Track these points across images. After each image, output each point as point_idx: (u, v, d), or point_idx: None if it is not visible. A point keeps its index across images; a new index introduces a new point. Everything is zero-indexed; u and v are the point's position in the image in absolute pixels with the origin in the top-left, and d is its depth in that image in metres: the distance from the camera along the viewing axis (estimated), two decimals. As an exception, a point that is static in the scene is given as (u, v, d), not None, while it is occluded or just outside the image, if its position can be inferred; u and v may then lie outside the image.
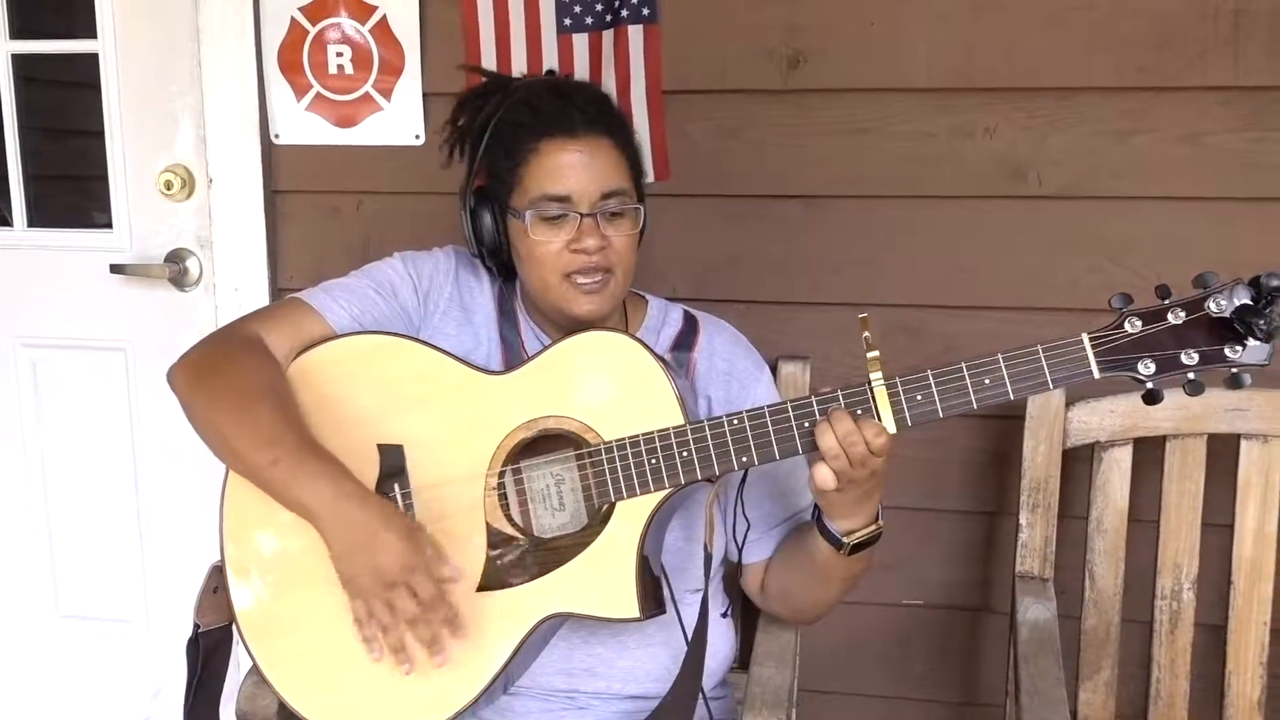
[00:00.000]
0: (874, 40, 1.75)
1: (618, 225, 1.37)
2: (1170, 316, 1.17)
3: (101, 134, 2.06)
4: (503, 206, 1.40)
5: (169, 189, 2.03)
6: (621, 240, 1.37)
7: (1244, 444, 1.65)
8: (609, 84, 1.79)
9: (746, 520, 1.39)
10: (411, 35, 1.88)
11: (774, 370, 1.58)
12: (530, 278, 1.41)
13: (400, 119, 1.91)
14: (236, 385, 1.31)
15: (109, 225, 2.11)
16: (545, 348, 1.35)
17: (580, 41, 1.79)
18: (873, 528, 1.31)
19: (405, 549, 1.24)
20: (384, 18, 1.89)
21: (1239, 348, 1.15)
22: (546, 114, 1.36)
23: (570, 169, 1.35)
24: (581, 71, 1.80)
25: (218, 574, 1.39)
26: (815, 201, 1.82)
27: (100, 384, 2.16)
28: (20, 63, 2.10)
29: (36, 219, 2.15)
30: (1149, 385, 1.19)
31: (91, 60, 2.04)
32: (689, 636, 1.34)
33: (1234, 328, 1.15)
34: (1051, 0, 1.70)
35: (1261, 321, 1.13)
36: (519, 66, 1.82)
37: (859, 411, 1.22)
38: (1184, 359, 1.17)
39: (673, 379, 1.29)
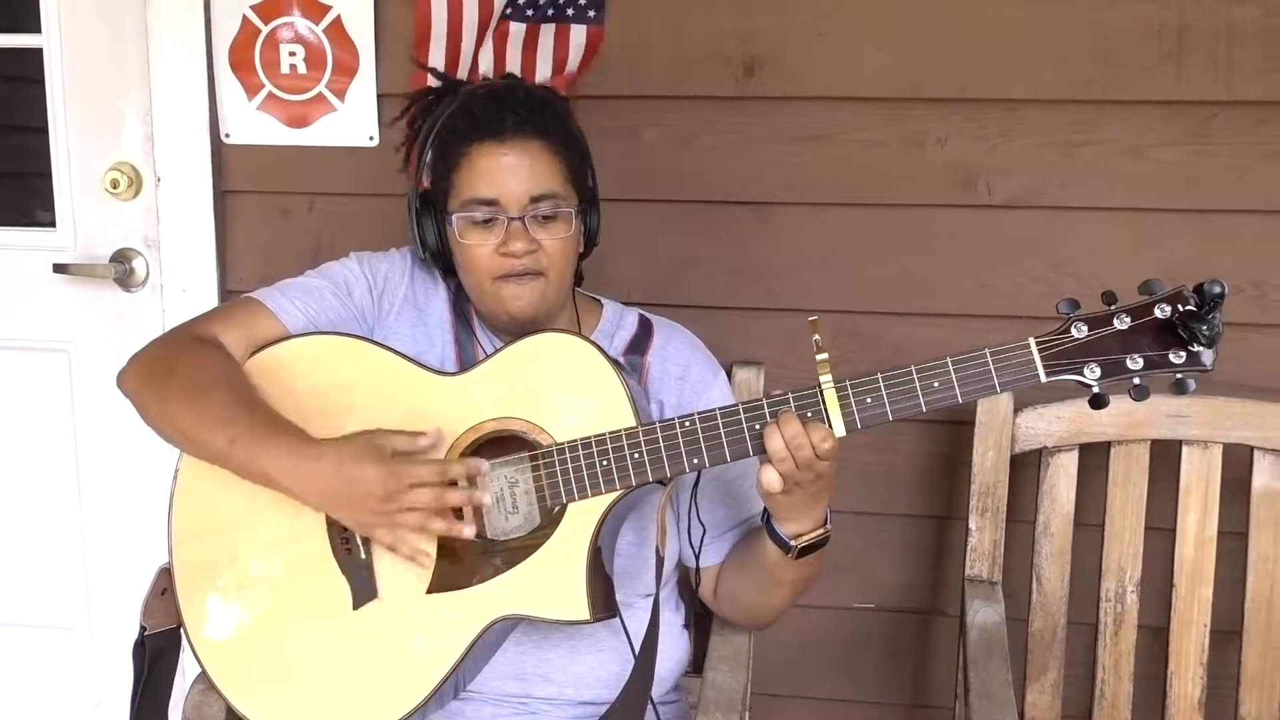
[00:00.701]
0: (827, 49, 1.77)
1: (550, 228, 1.37)
2: (1116, 322, 1.19)
3: (45, 130, 2.02)
4: (442, 212, 1.40)
5: (115, 187, 1.99)
6: (554, 244, 1.37)
7: (1185, 449, 1.69)
8: (543, 78, 1.77)
9: (702, 525, 1.39)
10: (366, 36, 1.87)
11: (728, 375, 1.58)
12: (465, 282, 1.42)
13: (354, 120, 1.90)
14: (190, 375, 1.30)
15: (52, 224, 2.06)
16: (499, 349, 1.35)
17: (517, 30, 1.77)
18: (820, 531, 1.32)
19: (375, 464, 1.23)
20: (338, 18, 1.87)
21: (1183, 353, 1.18)
22: (478, 118, 1.37)
23: (498, 172, 1.35)
24: (513, 62, 1.79)
25: (166, 576, 1.37)
26: (768, 208, 1.83)
27: (42, 386, 2.11)
28: (-38, 57, 2.06)
29: (-23, 216, 2.11)
30: (1095, 390, 1.20)
31: (36, 55, 2.00)
32: (635, 644, 1.34)
33: (1178, 333, 1.17)
34: (1001, 13, 1.73)
35: (1205, 327, 1.15)
36: (468, 50, 1.79)
37: (808, 415, 1.23)
38: (1129, 364, 1.19)
39: (625, 380, 1.29)
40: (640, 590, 1.41)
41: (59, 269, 2.03)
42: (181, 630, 1.37)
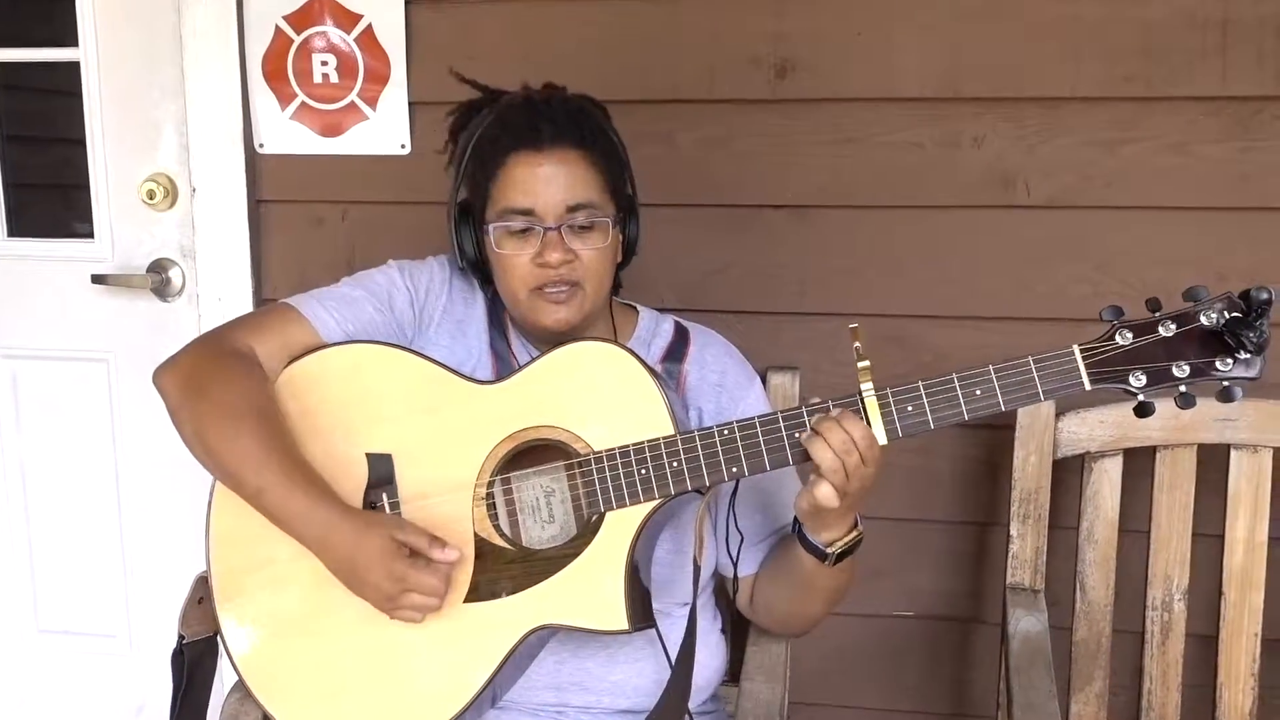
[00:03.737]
0: (862, 50, 1.75)
1: (586, 238, 1.36)
2: (1161, 329, 1.18)
3: (83, 142, 2.04)
4: (479, 221, 1.40)
5: (151, 198, 2.01)
6: (590, 254, 1.36)
7: (1234, 454, 1.65)
8: None
9: (740, 532, 1.38)
10: (397, 44, 1.87)
11: (763, 380, 1.57)
12: (501, 291, 1.41)
13: (386, 128, 1.90)
14: (224, 406, 1.30)
15: (90, 235, 2.09)
16: (535, 358, 1.34)
17: None
18: (853, 534, 1.31)
19: (385, 564, 1.23)
20: (369, 26, 1.87)
21: (1229, 360, 1.17)
22: (515, 128, 1.37)
23: (535, 182, 1.34)
24: None
25: (203, 584, 1.38)
26: (803, 211, 1.81)
27: (82, 395, 2.14)
28: (1, 70, 2.07)
29: (17, 229, 2.13)
30: (1140, 398, 1.19)
31: (73, 68, 2.02)
32: (671, 653, 1.33)
33: (1225, 340, 1.16)
34: (1039, 10, 1.70)
35: (1252, 334, 1.14)
36: None
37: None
38: (1175, 371, 1.18)
39: (663, 389, 1.28)
40: (677, 599, 1.39)
41: (97, 280, 2.06)
42: (218, 638, 1.37)
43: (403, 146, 1.90)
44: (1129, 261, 1.73)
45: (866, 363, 1.22)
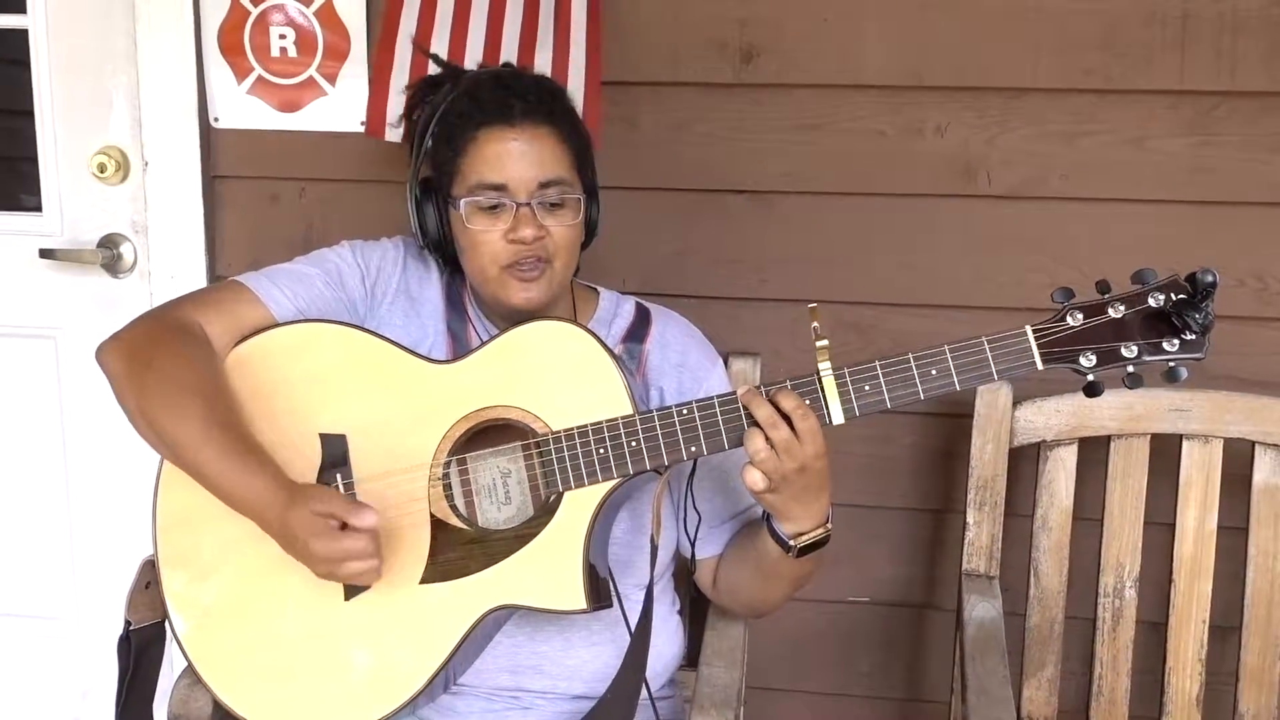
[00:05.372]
0: (827, 36, 1.74)
1: (557, 215, 1.35)
2: (1110, 310, 1.20)
3: (31, 113, 1.99)
4: (445, 197, 1.38)
5: (102, 171, 1.96)
6: (561, 230, 1.35)
7: (1186, 444, 1.67)
8: (543, 61, 1.72)
9: (698, 513, 1.38)
10: (357, 19, 1.84)
11: (725, 365, 1.57)
12: (470, 268, 1.39)
13: (345, 104, 1.86)
14: (168, 379, 1.27)
15: (39, 209, 2.03)
16: (493, 336, 1.33)
17: (514, 6, 1.73)
18: (820, 531, 1.30)
19: (311, 541, 1.20)
20: (329, 1, 1.84)
21: (1176, 341, 1.19)
22: (486, 103, 1.35)
23: (507, 157, 1.33)
24: (511, 42, 1.73)
25: (150, 568, 1.35)
26: (765, 197, 1.81)
27: (28, 373, 2.09)
28: (-54, 38, 2.02)
29: (-39, 201, 2.08)
30: (1089, 378, 1.21)
31: (21, 36, 1.97)
32: (632, 632, 1.32)
33: (1171, 322, 1.18)
34: (1003, 1, 1.70)
35: (1198, 315, 1.17)
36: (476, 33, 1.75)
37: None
38: (1124, 351, 1.20)
39: (621, 368, 1.28)
40: (635, 581, 1.39)
41: (45, 254, 2.00)
42: (166, 623, 1.34)
43: (362, 124, 1.86)
44: (1086, 253, 1.74)
45: (824, 342, 1.22)
